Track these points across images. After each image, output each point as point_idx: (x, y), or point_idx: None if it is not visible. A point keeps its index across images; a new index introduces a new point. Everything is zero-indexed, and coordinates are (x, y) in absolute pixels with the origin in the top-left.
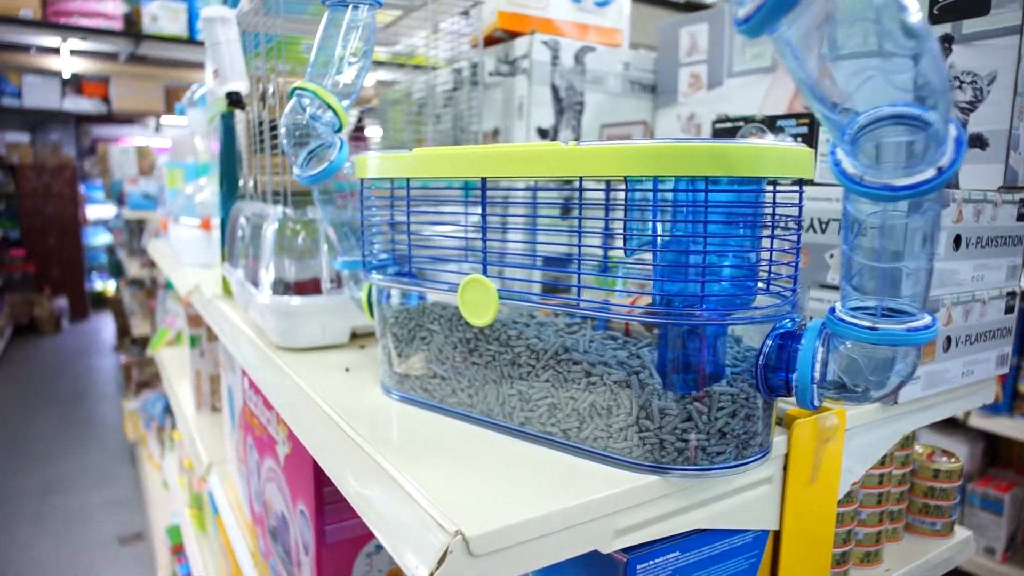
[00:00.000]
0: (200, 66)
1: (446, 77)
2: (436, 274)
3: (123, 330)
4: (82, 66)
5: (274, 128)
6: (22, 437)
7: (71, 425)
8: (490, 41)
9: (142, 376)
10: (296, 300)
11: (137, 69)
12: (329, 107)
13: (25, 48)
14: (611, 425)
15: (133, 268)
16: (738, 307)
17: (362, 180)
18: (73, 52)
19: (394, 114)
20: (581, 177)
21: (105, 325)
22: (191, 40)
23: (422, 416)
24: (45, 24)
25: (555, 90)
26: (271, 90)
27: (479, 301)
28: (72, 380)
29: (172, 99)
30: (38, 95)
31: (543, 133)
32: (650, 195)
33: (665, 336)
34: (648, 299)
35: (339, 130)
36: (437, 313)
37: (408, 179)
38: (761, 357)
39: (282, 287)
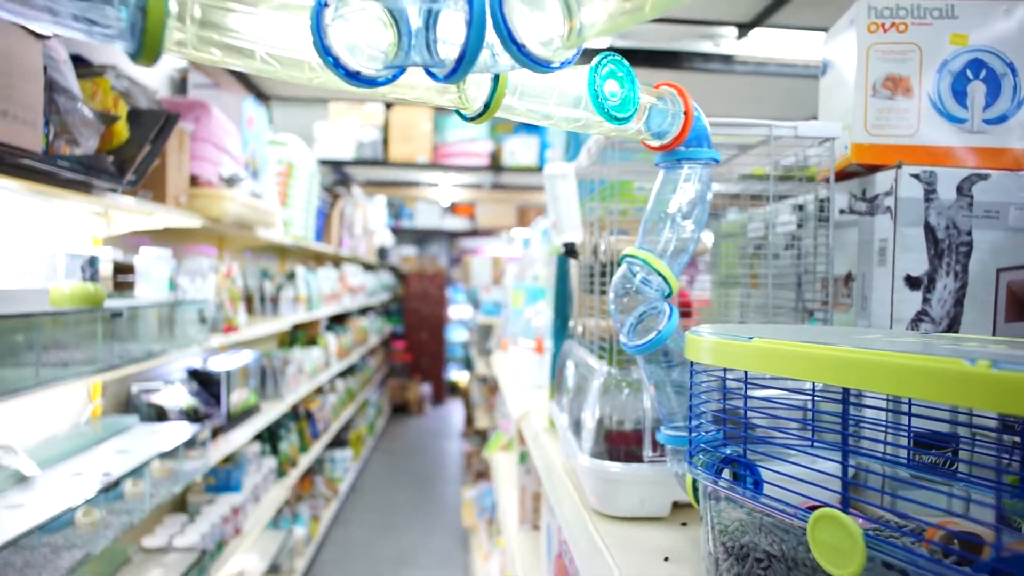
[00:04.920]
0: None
1: (787, 217)
2: (779, 475)
3: (469, 419)
4: (461, 195)
5: (603, 280)
6: (386, 506)
7: (422, 502)
8: (842, 175)
9: (480, 466)
10: (616, 467)
11: (497, 194)
12: (659, 273)
13: (416, 184)
14: None
15: (480, 366)
16: None
17: (692, 363)
18: (453, 185)
19: (726, 247)
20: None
21: (456, 411)
22: (540, 168)
23: None
24: (434, 165)
25: (930, 230)
26: (603, 247)
27: (836, 546)
28: (427, 459)
29: (522, 216)
30: (425, 217)
31: (913, 282)
32: None
33: None
34: None
35: (669, 296)
36: (778, 536)
37: (746, 372)
38: None
39: (602, 451)
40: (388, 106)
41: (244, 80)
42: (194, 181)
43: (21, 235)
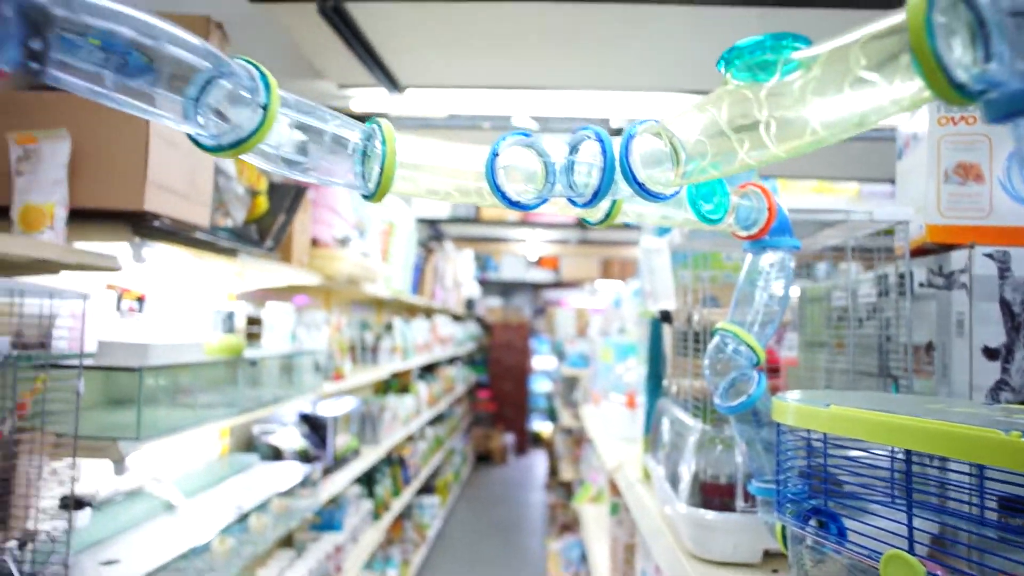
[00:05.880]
0: (628, 243)
1: (868, 289)
2: (859, 520)
3: (553, 470)
4: (547, 250)
5: (697, 341)
6: (472, 555)
7: (506, 552)
8: (919, 251)
9: (565, 518)
10: (710, 515)
11: (582, 248)
12: (748, 345)
13: (505, 239)
14: None
15: (565, 417)
16: None
17: (778, 425)
18: (541, 241)
19: (812, 311)
20: None
21: (539, 462)
22: (626, 225)
23: None
24: (523, 223)
25: (1006, 304)
26: (696, 317)
27: None
28: (511, 509)
29: (606, 268)
30: (510, 269)
31: (991, 353)
32: None
33: None
34: None
35: (757, 364)
36: None
37: (825, 434)
38: None
39: (698, 500)
40: None
41: None
42: (313, 242)
43: (181, 292)
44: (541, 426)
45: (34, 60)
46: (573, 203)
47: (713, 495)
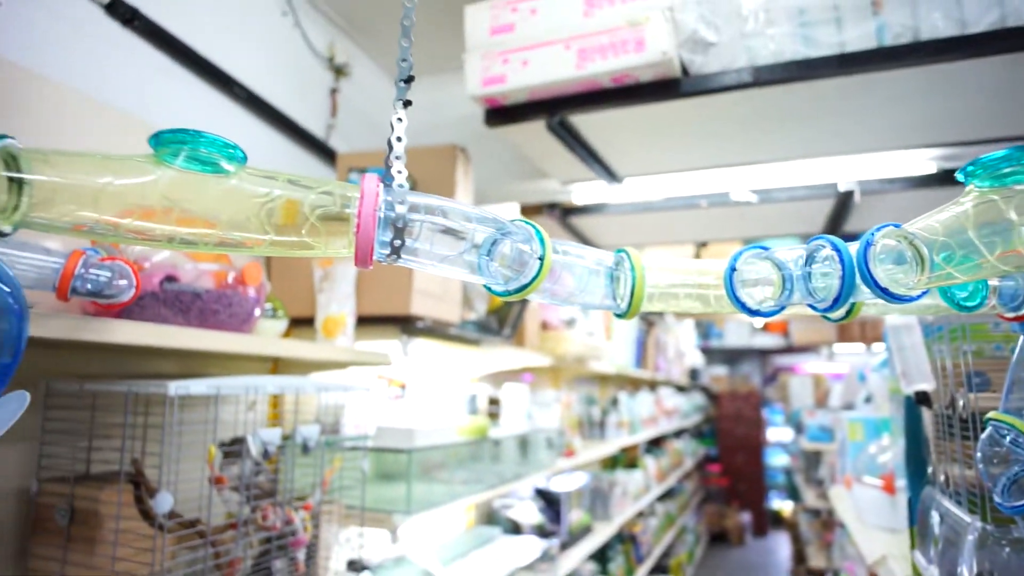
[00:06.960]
0: None
1: None
2: None
3: (799, 556)
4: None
5: (964, 429)
6: None
7: None
8: None
9: None
10: None
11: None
12: None
13: None
14: None
15: (809, 497)
16: None
17: None
18: None
19: None
20: None
21: (780, 545)
22: None
23: None
24: None
25: None
26: (961, 403)
27: None
28: None
29: (843, 330)
30: (735, 336)
31: None
32: None
33: None
34: None
35: None
36: None
37: None
38: None
39: None
40: (702, 244)
41: (571, 229)
42: (543, 325)
43: (433, 378)
44: (781, 504)
45: (394, 253)
46: (813, 308)
47: None
